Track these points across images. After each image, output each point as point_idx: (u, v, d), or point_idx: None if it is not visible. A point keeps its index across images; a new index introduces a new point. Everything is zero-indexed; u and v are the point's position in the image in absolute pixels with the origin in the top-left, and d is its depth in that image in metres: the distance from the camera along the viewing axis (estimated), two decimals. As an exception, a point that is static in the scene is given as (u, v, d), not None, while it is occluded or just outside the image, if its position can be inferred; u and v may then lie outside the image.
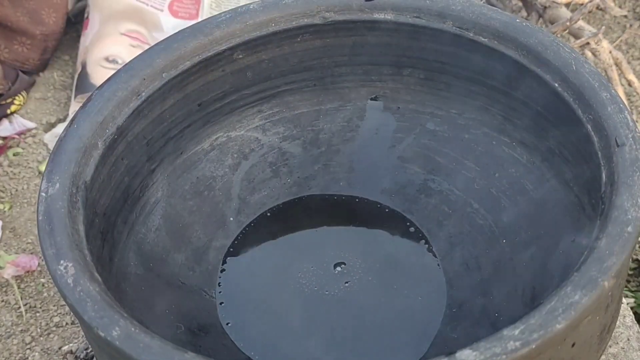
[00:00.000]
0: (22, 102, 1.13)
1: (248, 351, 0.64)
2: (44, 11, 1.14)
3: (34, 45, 1.15)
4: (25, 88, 1.14)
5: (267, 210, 0.73)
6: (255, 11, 0.68)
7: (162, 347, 0.46)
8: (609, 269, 0.48)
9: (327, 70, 0.72)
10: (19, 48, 1.14)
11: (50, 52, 1.18)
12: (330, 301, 0.67)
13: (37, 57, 1.16)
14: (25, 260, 0.93)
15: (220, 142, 0.72)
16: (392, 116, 0.73)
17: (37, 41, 1.15)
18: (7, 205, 1.01)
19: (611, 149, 0.55)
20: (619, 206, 0.51)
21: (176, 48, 0.66)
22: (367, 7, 0.68)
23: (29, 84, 1.16)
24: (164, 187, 0.68)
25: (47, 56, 1.18)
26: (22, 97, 1.13)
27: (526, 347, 0.45)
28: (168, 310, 0.63)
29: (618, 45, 1.28)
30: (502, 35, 0.64)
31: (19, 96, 1.12)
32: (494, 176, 0.69)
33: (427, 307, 0.66)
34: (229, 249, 0.70)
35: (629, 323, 0.72)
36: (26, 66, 1.16)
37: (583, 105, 0.58)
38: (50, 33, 1.15)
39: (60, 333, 0.87)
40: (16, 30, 1.13)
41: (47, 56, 1.18)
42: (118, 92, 0.63)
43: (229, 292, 0.68)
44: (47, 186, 0.56)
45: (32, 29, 1.13)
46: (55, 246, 0.52)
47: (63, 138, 0.59)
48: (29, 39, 1.14)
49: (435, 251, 0.69)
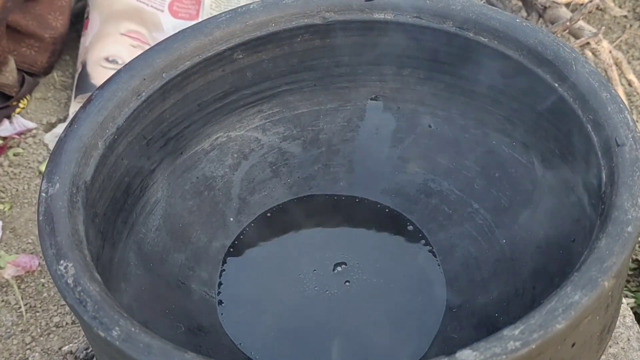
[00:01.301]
0: (26, 105, 1.13)
1: (248, 351, 0.64)
2: (50, 15, 1.15)
3: (42, 48, 1.15)
4: (30, 91, 1.15)
5: (267, 210, 0.73)
6: (255, 11, 0.68)
7: (162, 347, 0.46)
8: (609, 269, 0.48)
9: (327, 70, 0.72)
10: (27, 51, 1.15)
11: (57, 55, 1.18)
12: (330, 301, 0.67)
13: (45, 59, 1.16)
14: (26, 260, 0.93)
15: (221, 142, 0.72)
16: (392, 116, 0.73)
17: (46, 44, 1.15)
18: (7, 206, 1.01)
19: (611, 149, 0.55)
20: (619, 206, 0.51)
21: (176, 48, 0.66)
22: (367, 7, 0.68)
23: (34, 86, 1.16)
24: (164, 187, 0.68)
25: (55, 59, 1.18)
26: (26, 100, 1.13)
27: (526, 347, 0.45)
28: (168, 310, 0.63)
29: (618, 45, 1.28)
30: (502, 35, 0.64)
31: (24, 99, 1.13)
32: (494, 176, 0.69)
33: (427, 307, 0.66)
34: (229, 249, 0.70)
35: (629, 323, 0.72)
36: (34, 69, 1.16)
37: (583, 105, 0.58)
38: (58, 36, 1.15)
39: (61, 333, 0.87)
40: (25, 33, 1.13)
41: (55, 59, 1.18)
42: (118, 92, 0.63)
43: (229, 292, 0.68)
44: (48, 186, 0.56)
45: (41, 32, 1.14)
46: (55, 246, 0.52)
47: (63, 138, 0.59)
48: (37, 42, 1.14)
49: (435, 251, 0.69)
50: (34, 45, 1.15)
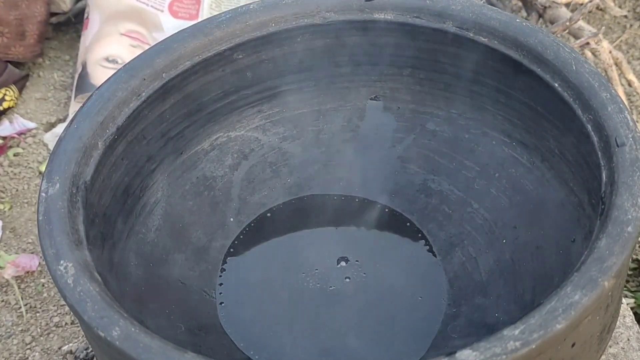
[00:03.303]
0: (14, 97, 1.11)
1: (248, 351, 0.64)
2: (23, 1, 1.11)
3: (12, 32, 1.10)
4: (15, 81, 1.12)
5: (267, 210, 0.73)
6: (256, 11, 0.68)
7: (162, 347, 0.46)
8: (609, 269, 0.48)
9: (327, 70, 0.72)
10: None
11: (34, 38, 1.13)
12: (330, 301, 0.67)
13: (17, 44, 1.11)
14: (26, 260, 0.93)
15: (220, 142, 0.72)
16: (392, 116, 0.73)
17: (13, 27, 1.10)
18: (7, 206, 1.01)
19: (611, 149, 0.55)
20: (619, 206, 0.51)
21: (176, 48, 0.66)
22: (367, 7, 0.68)
23: (19, 76, 1.13)
24: (164, 187, 0.68)
25: (31, 42, 1.13)
26: (12, 92, 1.11)
27: (526, 347, 0.45)
28: (168, 310, 0.63)
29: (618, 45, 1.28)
30: (502, 35, 0.64)
31: (9, 90, 1.10)
32: (494, 176, 0.69)
33: (427, 307, 0.66)
34: (229, 249, 0.70)
35: (629, 323, 0.72)
36: (10, 55, 1.12)
37: (583, 105, 0.58)
38: (24, 17, 1.10)
39: (60, 333, 0.87)
40: None
41: (31, 42, 1.13)
42: (118, 92, 0.63)
43: (229, 292, 0.68)
44: (47, 186, 0.56)
45: (5, 14, 1.09)
46: (55, 246, 0.52)
47: (63, 138, 0.59)
48: (5, 27, 1.10)
49: (435, 251, 0.69)
50: (3, 32, 1.10)
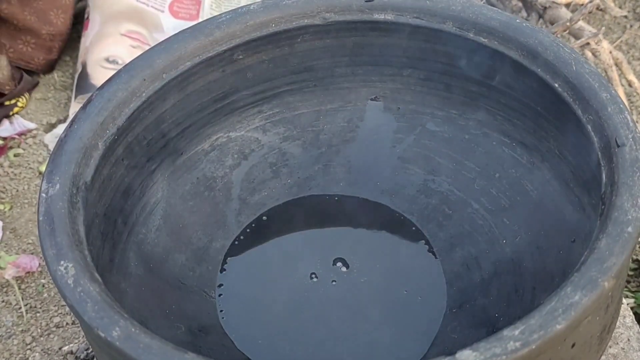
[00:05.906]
0: (25, 104, 1.13)
1: (248, 351, 0.64)
2: (52, 12, 1.14)
3: (39, 45, 1.15)
4: (28, 89, 1.14)
5: (267, 210, 0.73)
6: (256, 12, 0.68)
7: (162, 347, 0.46)
8: (609, 269, 0.48)
9: (327, 70, 0.72)
10: (24, 47, 1.14)
11: (57, 53, 1.18)
12: (330, 301, 0.67)
13: (42, 56, 1.16)
14: (26, 260, 0.93)
15: (221, 143, 0.72)
16: (392, 116, 0.73)
17: (42, 40, 1.15)
18: (7, 206, 1.01)
19: (611, 149, 0.55)
20: (619, 206, 0.51)
21: (176, 49, 0.66)
22: (367, 8, 0.68)
23: (32, 84, 1.16)
24: (164, 188, 0.68)
25: (53, 57, 1.18)
26: (25, 99, 1.13)
27: (526, 348, 0.45)
28: (168, 310, 0.63)
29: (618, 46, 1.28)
30: (502, 35, 0.64)
31: (22, 97, 1.12)
32: (494, 176, 0.69)
33: (427, 307, 0.66)
34: (229, 249, 0.70)
35: (629, 323, 0.72)
36: (31, 66, 1.16)
37: (583, 105, 0.58)
38: (57, 33, 1.15)
39: (61, 333, 0.87)
40: (22, 29, 1.13)
41: (53, 57, 1.18)
42: (118, 93, 0.63)
43: (229, 292, 0.68)
44: (48, 187, 0.56)
45: (38, 28, 1.13)
46: (55, 247, 0.52)
47: (63, 139, 0.59)
48: (34, 38, 1.14)
49: (435, 251, 0.69)
50: (30, 42, 1.14)
